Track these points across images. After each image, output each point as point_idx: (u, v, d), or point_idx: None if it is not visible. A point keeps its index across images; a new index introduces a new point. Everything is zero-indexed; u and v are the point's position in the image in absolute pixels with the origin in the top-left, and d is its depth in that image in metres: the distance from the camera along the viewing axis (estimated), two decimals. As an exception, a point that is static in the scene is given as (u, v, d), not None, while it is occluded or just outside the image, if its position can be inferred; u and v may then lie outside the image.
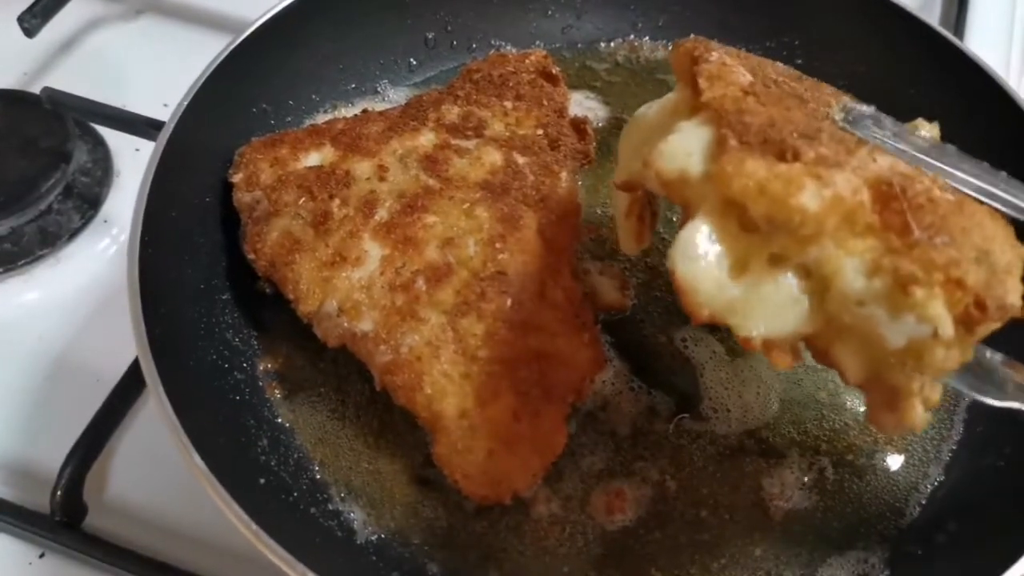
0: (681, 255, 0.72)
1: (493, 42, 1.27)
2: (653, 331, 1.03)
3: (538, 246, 0.95)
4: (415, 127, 1.04)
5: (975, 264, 0.66)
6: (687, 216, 0.76)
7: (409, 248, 0.94)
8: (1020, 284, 0.68)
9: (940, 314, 0.66)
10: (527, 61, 1.12)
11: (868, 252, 0.68)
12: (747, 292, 0.72)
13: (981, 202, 0.74)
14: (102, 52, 1.48)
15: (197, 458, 0.78)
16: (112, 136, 1.33)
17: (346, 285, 0.93)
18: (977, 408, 0.98)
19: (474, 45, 1.27)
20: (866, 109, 0.82)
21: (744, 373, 1.00)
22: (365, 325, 0.91)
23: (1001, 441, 0.94)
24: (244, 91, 1.09)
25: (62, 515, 0.98)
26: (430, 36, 1.25)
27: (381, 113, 1.09)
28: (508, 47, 1.26)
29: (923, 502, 0.93)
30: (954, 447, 0.97)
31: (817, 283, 0.71)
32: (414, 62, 1.25)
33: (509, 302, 0.91)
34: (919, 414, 0.73)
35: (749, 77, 0.78)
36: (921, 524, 0.91)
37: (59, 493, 0.98)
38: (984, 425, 0.97)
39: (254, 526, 0.74)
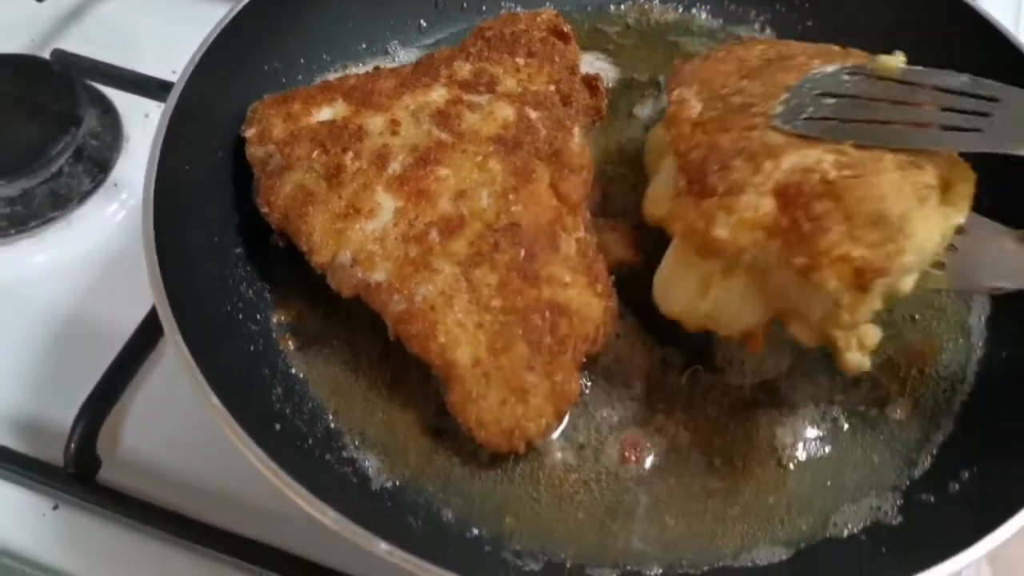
0: (660, 295, 0.93)
1: (503, 4, 1.28)
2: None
3: (551, 199, 0.96)
4: (427, 83, 1.04)
5: (869, 229, 0.79)
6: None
7: (422, 200, 0.94)
8: (909, 241, 0.80)
9: (834, 287, 0.80)
10: (538, 19, 1.12)
11: (778, 250, 0.82)
12: (714, 304, 0.88)
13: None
14: (111, 18, 1.49)
15: (215, 399, 0.79)
16: (122, 102, 1.34)
17: (360, 236, 0.93)
18: (990, 361, 0.99)
19: (484, 7, 1.27)
20: (827, 70, 0.92)
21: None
22: (379, 275, 0.91)
23: (1014, 394, 0.94)
24: (254, 50, 1.10)
25: (75, 468, 0.99)
26: (439, -3, 1.25)
27: (393, 70, 1.09)
28: (518, 9, 1.26)
29: (935, 452, 0.93)
30: (965, 399, 0.97)
31: (758, 280, 0.86)
32: (424, 24, 1.26)
33: (522, 253, 0.91)
34: (856, 358, 0.87)
35: (698, 107, 0.93)
36: (933, 474, 0.91)
37: (72, 446, 0.98)
38: (996, 379, 0.97)
39: (272, 464, 0.75)
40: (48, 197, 1.27)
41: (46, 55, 1.32)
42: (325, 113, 1.03)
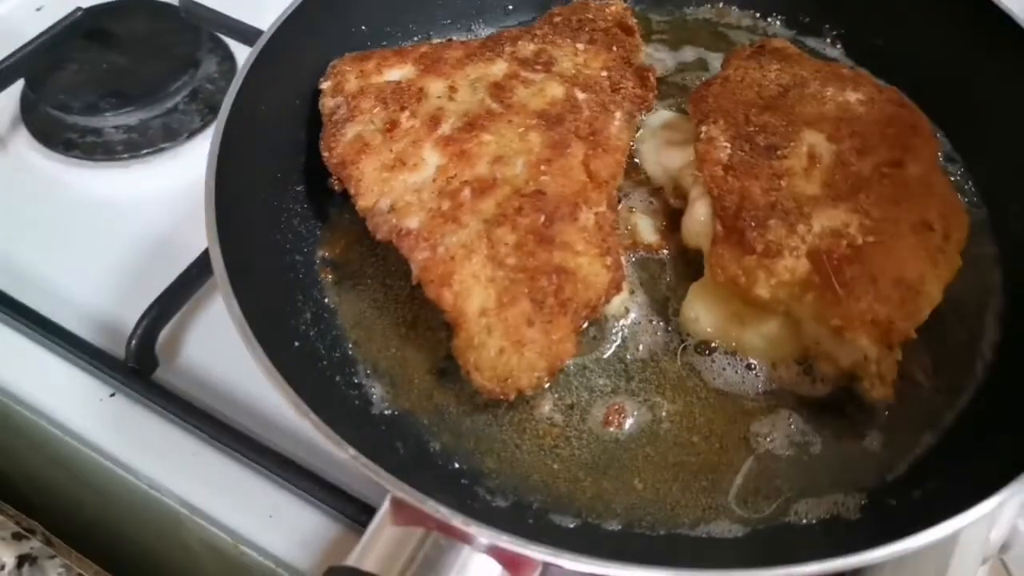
0: (689, 314, 1.04)
1: (588, -6, 1.34)
2: (680, 279, 1.09)
3: (580, 174, 1.02)
4: (490, 57, 1.13)
5: (892, 291, 0.92)
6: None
7: (463, 161, 1.02)
8: (926, 299, 0.94)
9: (865, 345, 0.92)
10: (607, 11, 1.19)
11: (812, 306, 0.94)
12: (746, 337, 1.01)
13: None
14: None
15: (236, 306, 0.88)
16: (241, 53, 1.46)
17: (401, 187, 1.02)
18: (989, 387, 1.00)
19: (568, -6, 1.33)
20: None
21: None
22: (412, 223, 0.99)
23: (1003, 421, 0.95)
24: (345, 10, 1.20)
25: (135, 362, 1.11)
26: (531, -17, 1.33)
27: (463, 42, 1.18)
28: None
29: (912, 461, 0.95)
30: (957, 415, 0.98)
31: (791, 325, 0.98)
32: (510, 7, 1.34)
33: (542, 219, 0.97)
34: (880, 391, 0.93)
35: (727, 148, 1.04)
36: (904, 481, 0.93)
37: (133, 342, 1.10)
38: (986, 400, 0.98)
39: (268, 363, 0.83)
40: (161, 129, 1.41)
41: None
42: (394, 74, 1.13)
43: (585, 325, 0.99)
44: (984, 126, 1.17)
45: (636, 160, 1.17)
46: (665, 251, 1.11)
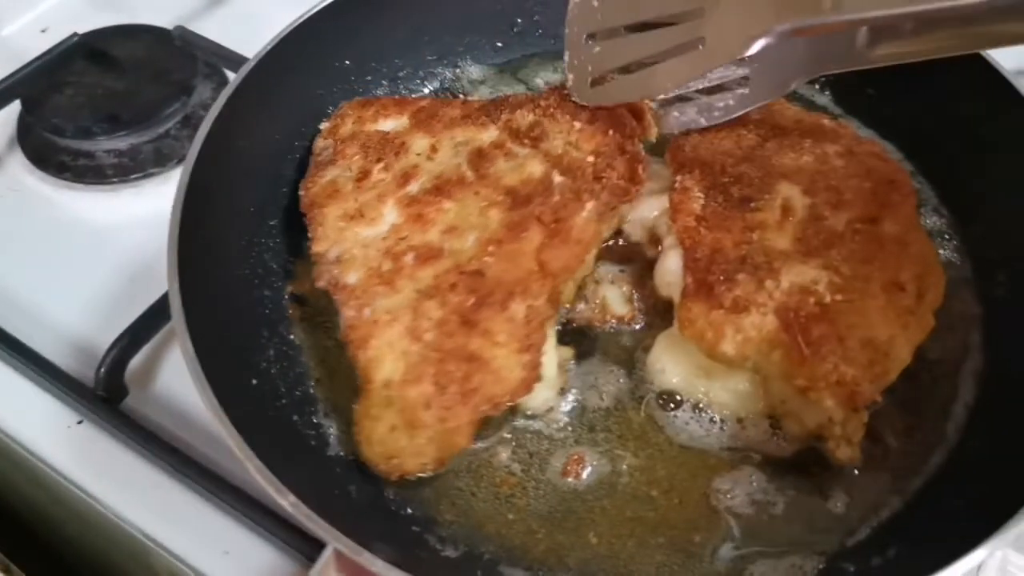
0: (656, 363, 1.03)
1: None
2: (649, 328, 1.08)
3: (530, 261, 0.96)
4: (484, 122, 1.09)
5: (860, 352, 0.90)
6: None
7: (417, 224, 1.00)
8: (894, 362, 0.92)
9: (830, 407, 0.90)
10: None
11: (779, 364, 0.92)
12: (713, 390, 1.00)
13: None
14: (249, 6, 1.64)
15: (188, 343, 0.88)
16: (236, 80, 1.47)
17: (353, 238, 1.01)
18: (959, 452, 0.97)
19: (560, 34, 1.32)
20: None
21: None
22: (351, 278, 0.98)
23: (971, 488, 0.93)
24: (330, 45, 1.20)
25: (103, 390, 1.11)
26: (518, 22, 1.32)
27: (465, 102, 1.16)
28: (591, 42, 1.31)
29: (875, 525, 0.93)
30: (920, 485, 0.96)
31: (758, 382, 0.97)
32: (499, 44, 1.33)
33: (472, 300, 0.93)
34: (846, 453, 0.93)
35: (701, 199, 1.02)
36: (865, 545, 0.91)
37: (102, 370, 1.10)
38: (962, 463, 0.96)
39: (214, 400, 0.84)
40: (152, 154, 1.42)
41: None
42: (389, 124, 1.12)
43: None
44: (974, 182, 1.15)
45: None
46: (637, 325, 1.08)
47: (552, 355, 0.98)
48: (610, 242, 1.12)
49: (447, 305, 0.93)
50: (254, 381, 0.97)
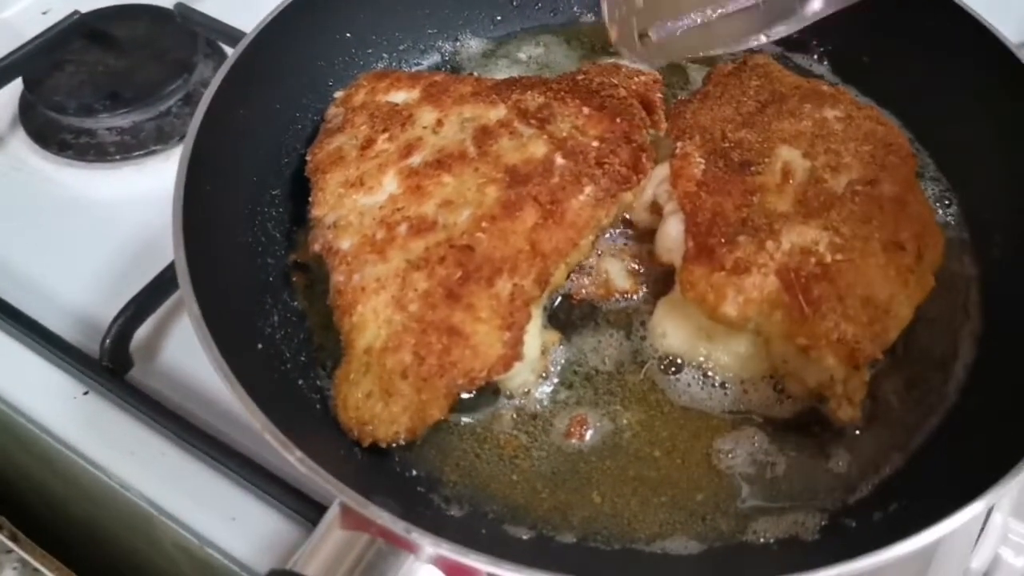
0: (658, 327, 1.03)
1: (576, 9, 1.34)
2: (650, 294, 1.08)
3: (519, 241, 0.96)
4: (494, 100, 1.10)
5: (860, 311, 0.91)
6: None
7: (415, 196, 1.00)
8: (894, 320, 0.93)
9: (831, 365, 0.91)
10: (634, 80, 1.14)
11: (780, 324, 0.93)
12: (715, 352, 1.01)
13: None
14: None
15: (195, 307, 0.88)
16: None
17: (350, 205, 1.02)
18: (960, 412, 0.98)
19: (560, 8, 1.33)
20: None
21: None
22: (344, 244, 0.99)
23: (972, 445, 0.93)
24: (330, 18, 1.21)
25: (109, 361, 1.11)
26: (518, -5, 1.33)
27: (477, 79, 1.16)
28: (589, 15, 1.33)
29: (876, 483, 0.94)
30: (926, 437, 0.96)
31: (760, 343, 0.98)
32: (499, 17, 1.34)
33: (459, 274, 0.93)
34: (847, 412, 0.93)
35: (702, 164, 1.03)
36: (866, 502, 0.92)
37: (107, 341, 1.11)
38: (962, 422, 0.97)
39: (220, 359, 0.84)
40: (154, 132, 1.42)
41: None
42: (400, 96, 1.13)
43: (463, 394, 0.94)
44: (970, 148, 1.16)
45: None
46: (638, 294, 1.08)
47: (536, 337, 0.98)
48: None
49: (434, 277, 0.94)
50: (259, 345, 0.98)
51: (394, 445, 0.92)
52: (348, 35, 1.23)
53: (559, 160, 1.02)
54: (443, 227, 0.97)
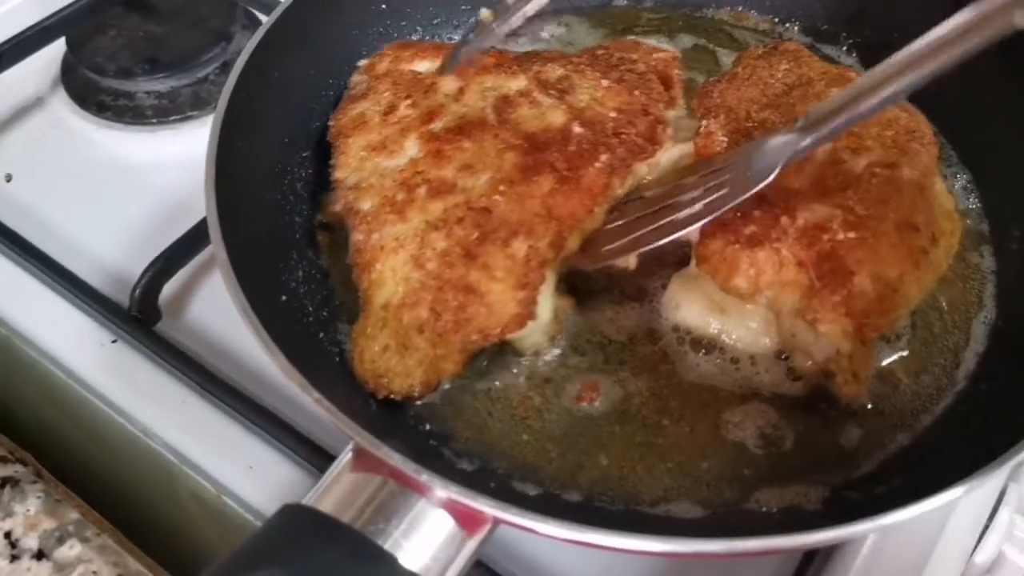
0: (672, 300, 1.05)
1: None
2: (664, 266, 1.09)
3: (535, 205, 0.98)
4: (515, 72, 1.12)
5: (869, 286, 0.92)
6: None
7: (435, 160, 1.03)
8: (903, 299, 0.93)
9: (838, 339, 0.92)
10: (654, 56, 1.16)
11: (790, 298, 0.94)
12: (727, 325, 1.02)
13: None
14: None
15: (223, 252, 0.91)
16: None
17: (372, 167, 1.04)
18: (968, 395, 0.99)
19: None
20: None
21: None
22: (365, 204, 1.02)
23: (978, 427, 0.94)
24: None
25: (137, 311, 1.15)
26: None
27: (502, 52, 1.18)
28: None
29: (881, 459, 0.95)
30: (930, 422, 0.97)
31: (771, 317, 0.99)
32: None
33: (476, 235, 0.95)
34: (854, 390, 0.94)
35: (724, 143, 1.05)
36: (870, 477, 0.93)
37: (137, 291, 1.14)
38: (967, 405, 0.98)
39: (244, 300, 0.87)
40: (191, 98, 1.46)
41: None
42: (422, 66, 1.16)
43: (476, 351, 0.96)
44: (995, 143, 1.17)
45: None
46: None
47: (549, 299, 1.00)
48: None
49: (452, 237, 0.96)
50: (283, 298, 1.01)
51: (408, 399, 0.94)
52: (384, 6, 1.26)
53: (577, 129, 1.04)
54: (462, 190, 0.99)
